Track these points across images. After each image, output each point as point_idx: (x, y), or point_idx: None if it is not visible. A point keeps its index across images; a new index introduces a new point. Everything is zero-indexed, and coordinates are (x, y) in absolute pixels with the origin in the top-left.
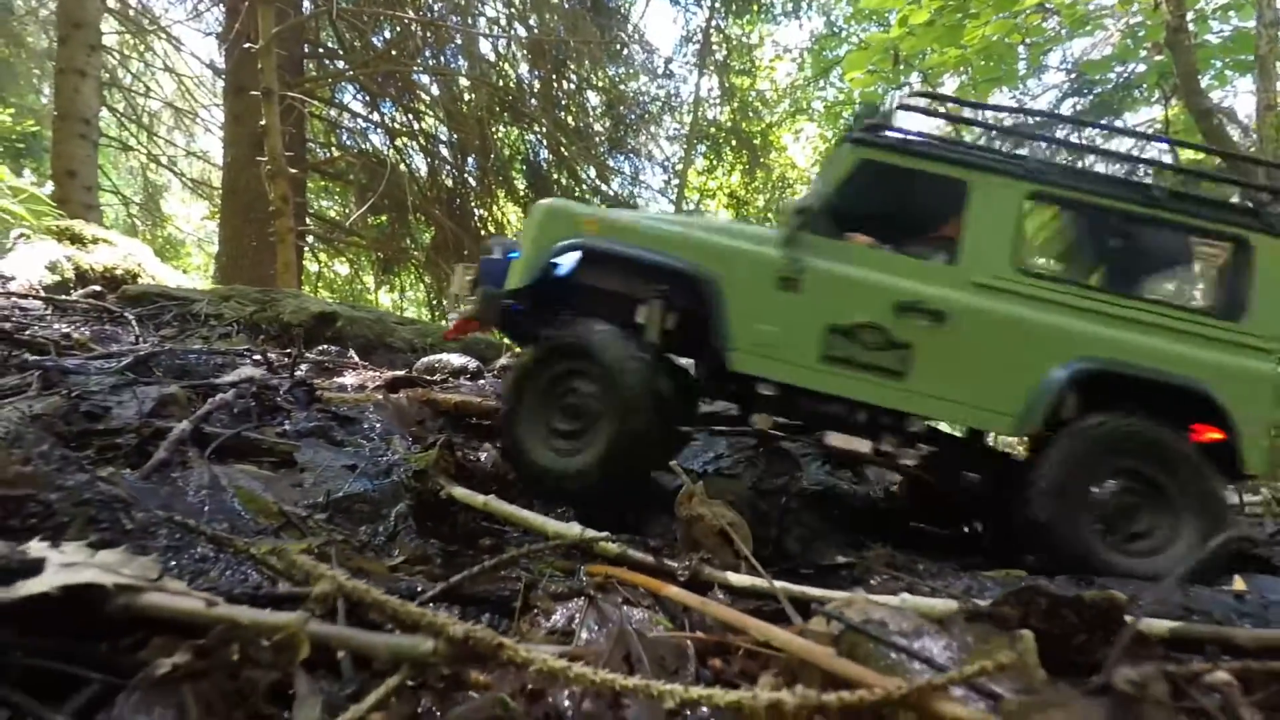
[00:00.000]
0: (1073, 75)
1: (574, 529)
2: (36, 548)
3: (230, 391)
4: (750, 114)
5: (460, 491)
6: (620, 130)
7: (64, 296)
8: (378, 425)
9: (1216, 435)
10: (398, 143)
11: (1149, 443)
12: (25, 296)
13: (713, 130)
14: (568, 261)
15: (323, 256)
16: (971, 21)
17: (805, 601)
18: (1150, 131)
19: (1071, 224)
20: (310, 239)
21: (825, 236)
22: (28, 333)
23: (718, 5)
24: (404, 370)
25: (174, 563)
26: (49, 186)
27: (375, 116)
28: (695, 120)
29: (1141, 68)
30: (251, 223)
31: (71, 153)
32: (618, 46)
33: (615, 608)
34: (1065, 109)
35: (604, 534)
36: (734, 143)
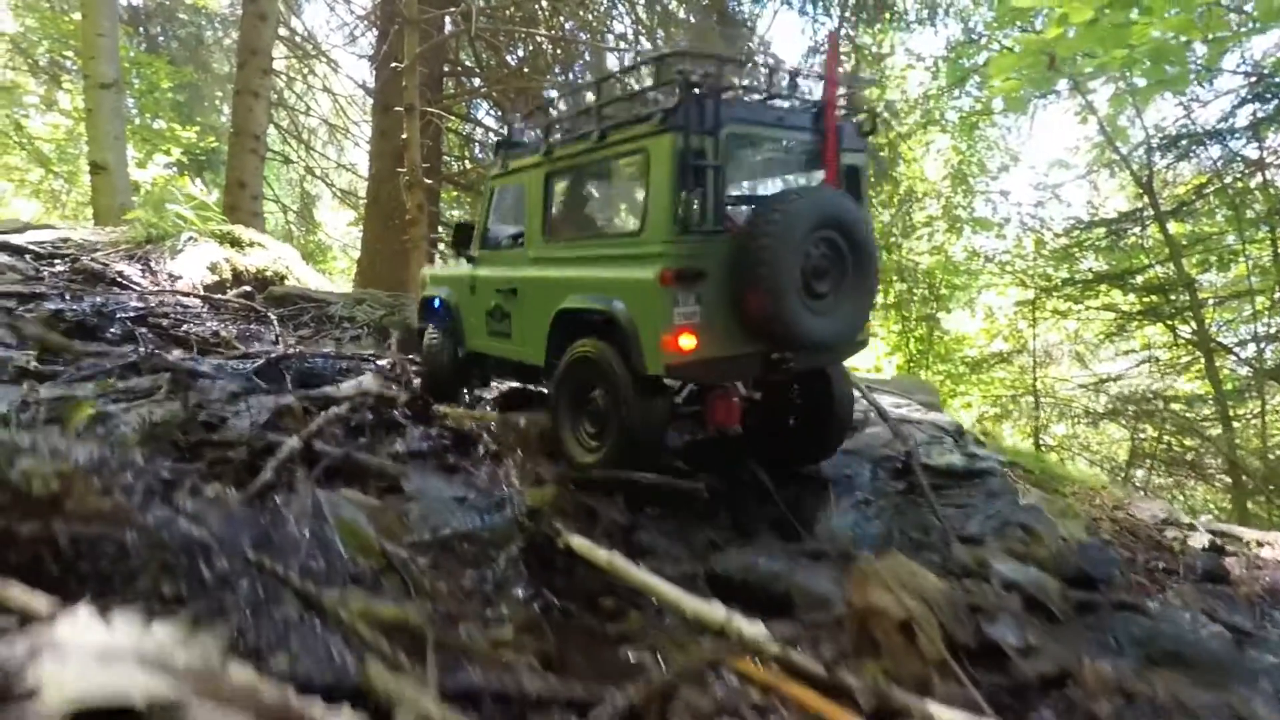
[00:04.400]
0: (1252, 78)
1: (717, 612)
2: (72, 625)
3: (345, 405)
4: (879, 125)
5: (580, 543)
6: None
7: (219, 295)
8: (495, 448)
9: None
10: None
11: (587, 362)
12: (187, 295)
13: None
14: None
15: (450, 261)
16: (1142, 18)
17: None
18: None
19: (572, 185)
20: (442, 245)
21: (490, 249)
22: (182, 329)
23: (848, 14)
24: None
25: (252, 628)
26: (214, 194)
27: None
28: None
29: None
30: (390, 230)
31: (243, 165)
32: (741, 59)
33: None
34: (1243, 117)
35: (757, 624)
36: None
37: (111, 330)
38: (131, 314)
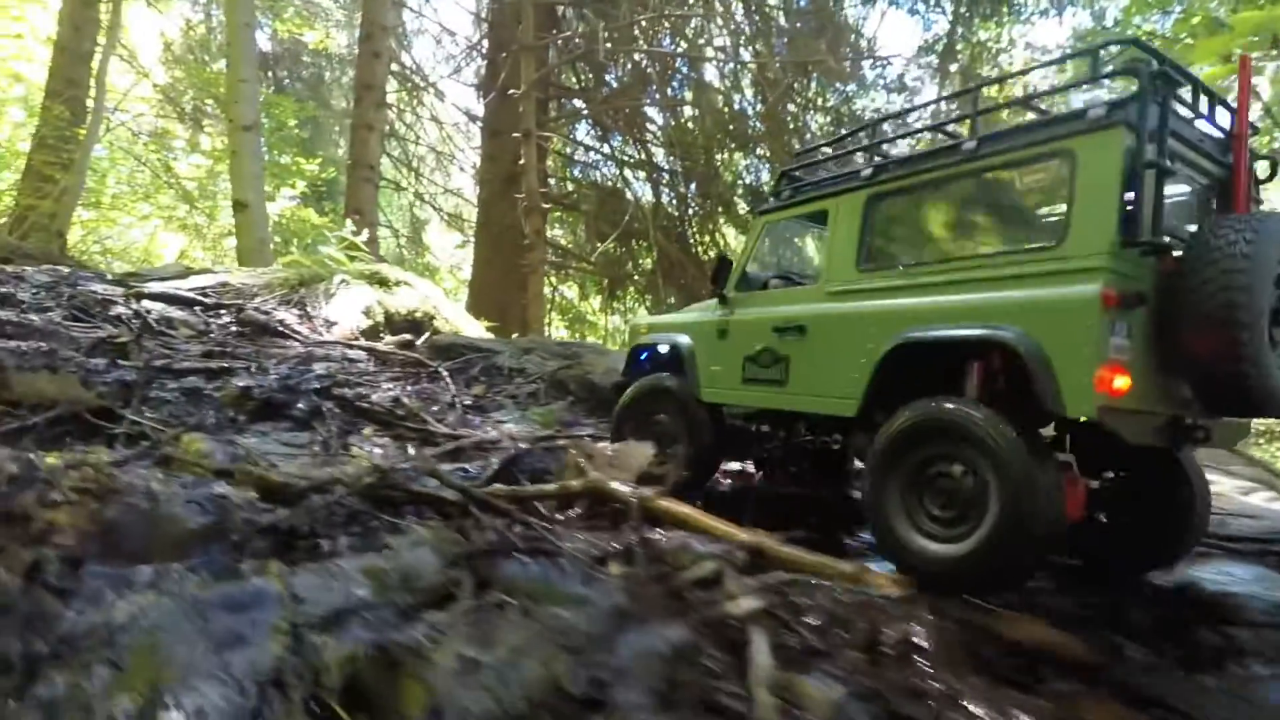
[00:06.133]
0: None
1: None
2: None
3: (766, 656)
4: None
5: None
6: None
7: (379, 344)
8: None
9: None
10: (625, 173)
11: (943, 425)
12: (350, 345)
13: None
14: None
15: (553, 279)
16: None
17: None
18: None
19: (915, 207)
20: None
21: (748, 290)
22: (365, 399)
23: (963, 10)
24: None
25: None
26: (365, 234)
27: (605, 149)
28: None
29: None
30: (500, 253)
31: (359, 194)
32: (845, 65)
33: None
34: None
35: None
36: None
37: (298, 406)
38: (315, 384)
